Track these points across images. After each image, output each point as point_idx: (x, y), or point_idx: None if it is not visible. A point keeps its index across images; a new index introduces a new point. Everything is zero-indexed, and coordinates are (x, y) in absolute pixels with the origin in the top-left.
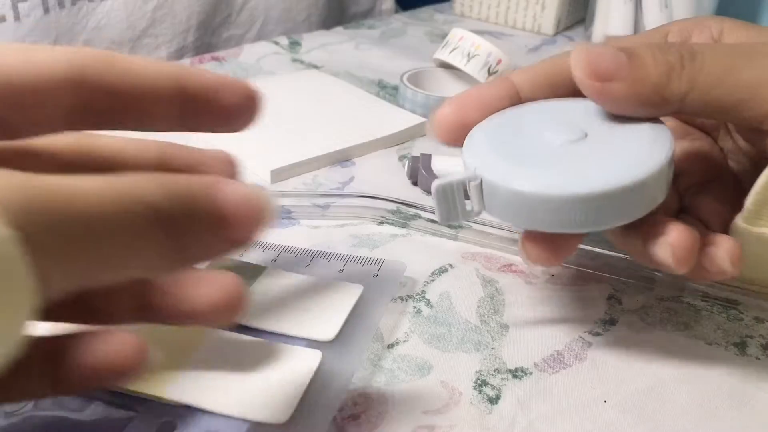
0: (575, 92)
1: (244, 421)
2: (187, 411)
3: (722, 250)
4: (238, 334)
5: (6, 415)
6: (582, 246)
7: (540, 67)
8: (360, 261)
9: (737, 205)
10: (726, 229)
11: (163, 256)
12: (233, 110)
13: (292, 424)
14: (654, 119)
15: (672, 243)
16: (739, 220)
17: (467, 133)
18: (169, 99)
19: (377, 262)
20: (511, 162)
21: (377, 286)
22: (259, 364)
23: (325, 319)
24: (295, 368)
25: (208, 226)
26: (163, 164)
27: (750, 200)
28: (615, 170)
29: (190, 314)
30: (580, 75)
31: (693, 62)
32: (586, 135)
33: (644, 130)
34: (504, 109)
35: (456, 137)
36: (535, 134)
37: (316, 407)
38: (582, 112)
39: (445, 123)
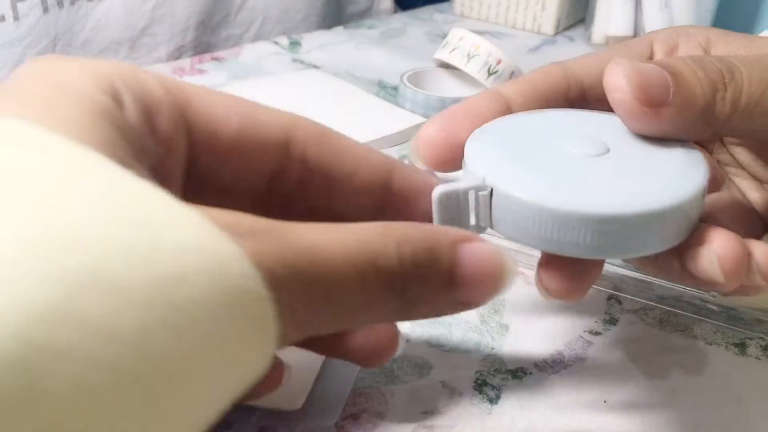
0: (569, 106)
1: (255, 407)
2: None
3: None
4: None
5: None
6: None
7: (531, 79)
8: None
9: (746, 219)
10: None
11: (389, 315)
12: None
13: (306, 410)
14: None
15: (719, 253)
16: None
17: (457, 155)
18: (370, 190)
19: None
20: (526, 172)
21: None
22: None
23: None
24: (304, 358)
25: (442, 289)
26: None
27: None
28: (651, 191)
29: (350, 351)
30: (625, 98)
31: (733, 80)
32: (608, 150)
33: (675, 150)
34: None
35: (445, 160)
36: (549, 143)
37: (329, 393)
38: (597, 125)
39: (432, 144)
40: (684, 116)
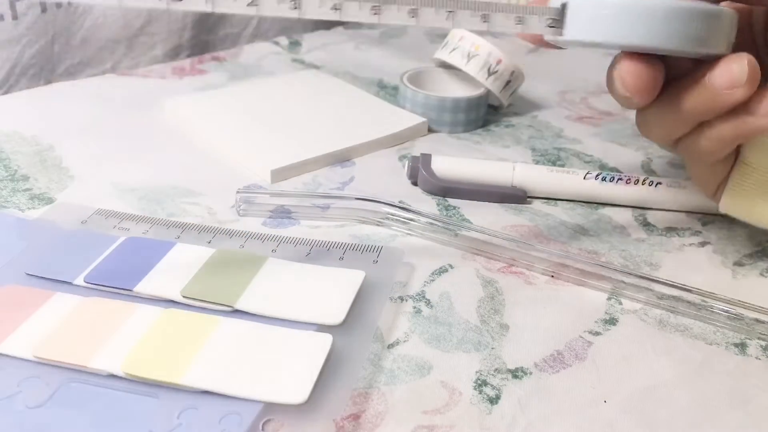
0: None
1: (260, 402)
2: (207, 395)
3: None
4: (249, 322)
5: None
6: (581, 248)
7: None
8: (359, 249)
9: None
10: None
11: None
12: None
13: (312, 403)
14: None
15: (749, 59)
16: None
17: None
18: None
19: (376, 249)
20: None
21: (378, 271)
22: (272, 350)
23: (331, 304)
24: (308, 351)
25: None
26: None
27: None
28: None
29: None
30: None
31: None
32: None
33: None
34: None
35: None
36: None
37: (334, 386)
38: None
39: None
40: None
